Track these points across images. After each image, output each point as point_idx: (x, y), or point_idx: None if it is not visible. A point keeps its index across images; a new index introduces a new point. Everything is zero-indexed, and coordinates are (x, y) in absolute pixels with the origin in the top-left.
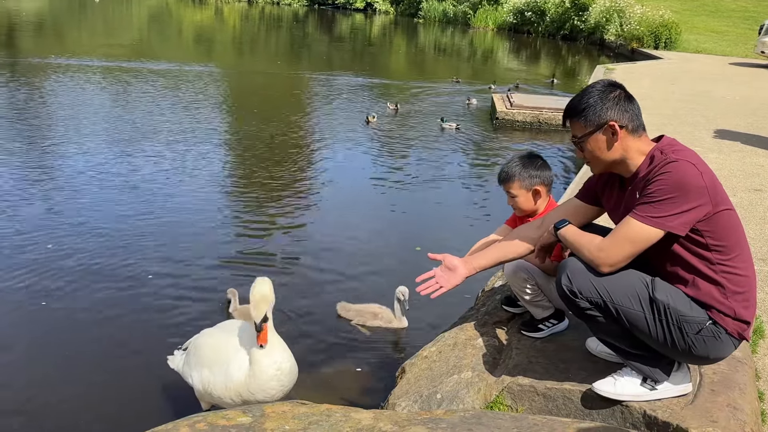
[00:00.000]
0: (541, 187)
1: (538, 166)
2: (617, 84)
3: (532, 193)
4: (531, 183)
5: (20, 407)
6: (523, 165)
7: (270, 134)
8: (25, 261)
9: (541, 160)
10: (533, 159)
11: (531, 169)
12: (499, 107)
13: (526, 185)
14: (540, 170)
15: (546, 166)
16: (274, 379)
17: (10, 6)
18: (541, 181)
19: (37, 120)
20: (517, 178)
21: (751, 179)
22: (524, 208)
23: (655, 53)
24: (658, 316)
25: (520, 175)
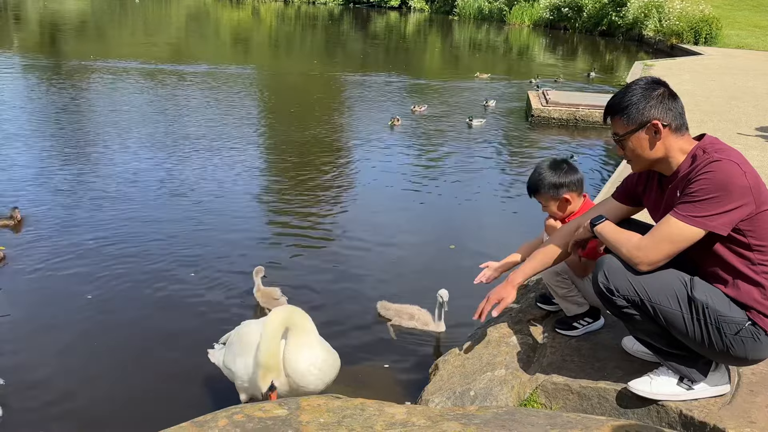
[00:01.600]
0: (569, 194)
1: (562, 173)
2: (661, 82)
3: (562, 201)
4: (557, 193)
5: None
6: (548, 175)
7: (305, 134)
8: (71, 255)
9: (566, 165)
10: (557, 166)
11: (555, 178)
12: (535, 104)
13: (554, 195)
14: (565, 177)
15: (571, 170)
16: (311, 374)
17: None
18: (567, 189)
19: (79, 123)
20: (543, 191)
21: None
22: (558, 216)
23: (694, 49)
24: (696, 315)
25: (545, 187)
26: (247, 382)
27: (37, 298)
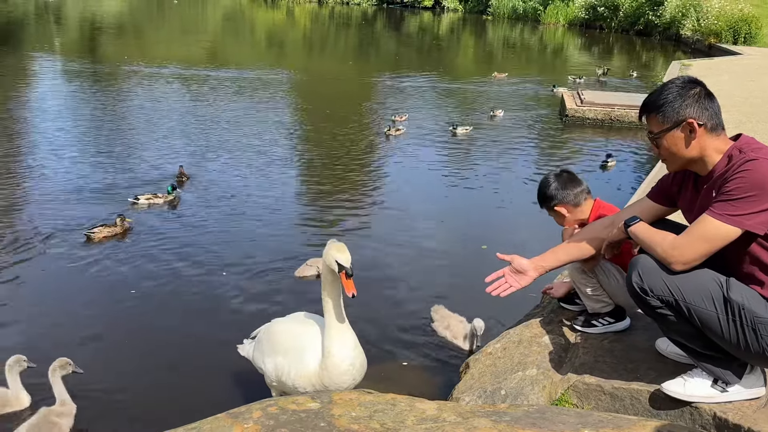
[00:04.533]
0: (560, 207)
1: (553, 187)
2: (697, 81)
3: (565, 211)
4: (550, 205)
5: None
6: (541, 194)
7: (339, 136)
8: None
9: (567, 175)
10: (559, 179)
11: (546, 192)
12: (569, 104)
13: (549, 207)
14: (555, 191)
15: (573, 182)
16: (347, 374)
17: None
18: (559, 202)
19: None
20: (550, 204)
21: None
22: (561, 225)
23: (733, 49)
24: (731, 316)
25: (542, 202)
26: (276, 381)
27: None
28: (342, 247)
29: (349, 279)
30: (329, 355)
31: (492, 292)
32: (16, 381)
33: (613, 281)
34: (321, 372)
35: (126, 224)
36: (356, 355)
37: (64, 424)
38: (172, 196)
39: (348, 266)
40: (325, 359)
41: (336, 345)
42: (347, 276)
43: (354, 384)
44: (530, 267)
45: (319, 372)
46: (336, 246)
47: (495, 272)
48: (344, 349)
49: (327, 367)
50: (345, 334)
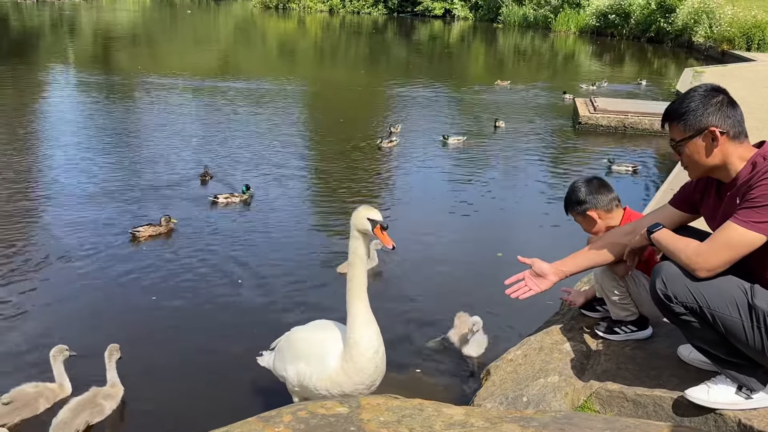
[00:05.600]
0: (593, 212)
1: (587, 191)
2: (720, 89)
3: (587, 218)
4: (583, 209)
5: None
6: (572, 194)
7: (353, 145)
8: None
9: (598, 182)
10: (584, 185)
11: (579, 196)
12: (582, 111)
13: (579, 212)
14: (589, 195)
15: (604, 188)
16: (371, 361)
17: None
18: (591, 207)
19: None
20: (570, 210)
21: None
22: (590, 231)
23: (747, 55)
24: (756, 323)
25: (572, 206)
26: (298, 386)
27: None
28: (371, 207)
29: (384, 232)
30: (354, 345)
31: (511, 294)
32: (61, 370)
33: (642, 291)
34: (344, 364)
35: (171, 224)
36: (380, 343)
37: (107, 406)
38: (246, 195)
39: (381, 219)
40: (350, 349)
41: (360, 333)
42: (382, 229)
43: (377, 375)
44: (551, 271)
45: (342, 365)
46: (363, 207)
47: (515, 275)
48: (369, 337)
49: (352, 357)
50: (370, 325)
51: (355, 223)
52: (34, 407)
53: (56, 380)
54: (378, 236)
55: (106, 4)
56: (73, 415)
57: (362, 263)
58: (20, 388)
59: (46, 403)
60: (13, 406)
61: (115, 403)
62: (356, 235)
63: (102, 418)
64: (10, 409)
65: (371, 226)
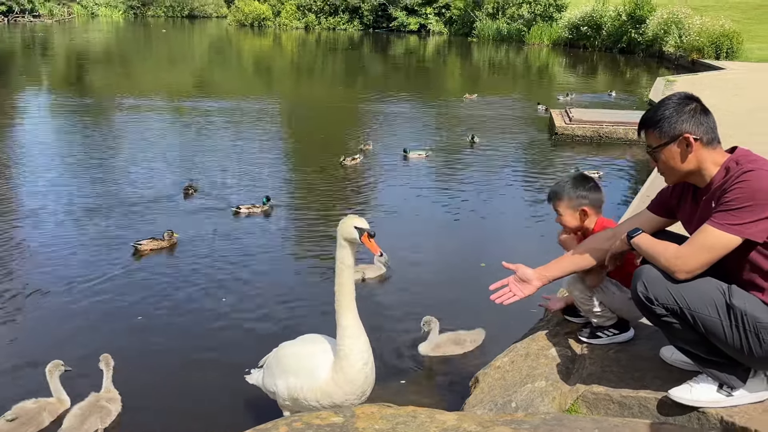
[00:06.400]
0: (588, 208)
1: (587, 187)
2: (693, 97)
3: (580, 213)
4: (579, 203)
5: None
6: (573, 185)
7: (333, 161)
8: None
9: (592, 182)
10: (583, 180)
11: (580, 190)
12: (558, 122)
13: (574, 205)
14: (589, 192)
15: (596, 188)
16: (361, 372)
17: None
18: (589, 202)
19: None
20: (565, 198)
21: None
22: (570, 227)
23: (716, 64)
24: (735, 322)
25: (568, 194)
26: (289, 400)
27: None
28: (357, 217)
29: (372, 239)
30: (344, 357)
31: (496, 300)
32: (57, 384)
33: (615, 299)
34: (335, 375)
35: (174, 239)
36: (370, 354)
37: (113, 408)
38: (267, 206)
39: (368, 227)
40: (340, 360)
41: (349, 344)
42: (370, 236)
43: (367, 385)
44: (534, 276)
45: (333, 376)
46: (349, 217)
47: (499, 281)
48: (359, 349)
49: (342, 368)
50: (360, 336)
51: (342, 233)
52: (39, 421)
53: (54, 395)
54: (365, 244)
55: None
56: (80, 420)
57: (349, 272)
58: (21, 404)
59: (49, 416)
60: (19, 422)
61: (119, 406)
62: (343, 244)
63: (111, 420)
64: (16, 425)
65: (358, 235)
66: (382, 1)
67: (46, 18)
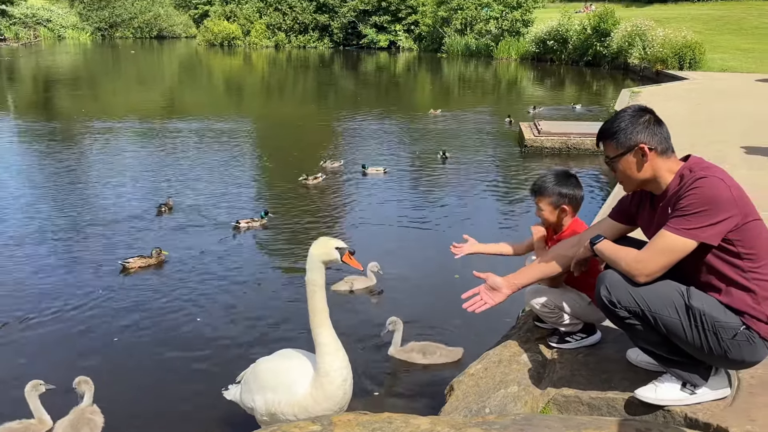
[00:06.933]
0: (568, 206)
1: (570, 185)
2: (647, 109)
3: (559, 210)
4: (559, 200)
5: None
6: (556, 182)
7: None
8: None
9: (575, 179)
10: (567, 178)
11: (562, 188)
12: (527, 135)
13: (554, 201)
14: (571, 190)
15: (578, 186)
16: (340, 388)
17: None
18: (568, 201)
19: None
20: (548, 194)
21: None
22: (549, 221)
23: (680, 74)
24: (694, 322)
25: (551, 191)
26: (267, 415)
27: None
28: (331, 238)
29: (353, 257)
30: (324, 374)
31: (468, 308)
32: (38, 405)
33: (577, 306)
34: (313, 391)
35: (162, 256)
36: (349, 371)
37: (98, 421)
38: (265, 220)
39: (347, 246)
40: (320, 377)
41: (329, 362)
42: (351, 254)
43: (345, 400)
44: (504, 284)
45: (311, 392)
46: (324, 240)
47: (471, 290)
48: (338, 366)
49: (322, 385)
50: (338, 353)
51: (321, 256)
52: None
53: (35, 415)
54: (348, 262)
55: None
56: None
57: (322, 292)
58: (5, 425)
59: None
60: None
61: (103, 421)
62: (317, 267)
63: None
64: None
65: (340, 255)
66: (352, 18)
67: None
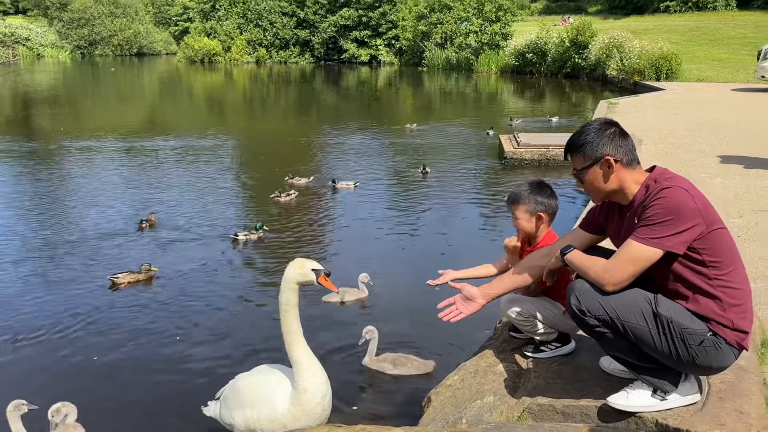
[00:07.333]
0: (544, 215)
1: (545, 194)
2: (613, 122)
3: (536, 217)
4: (536, 208)
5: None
6: (531, 191)
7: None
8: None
9: (550, 189)
10: (542, 187)
11: (538, 196)
12: (507, 147)
13: (530, 210)
14: (546, 198)
15: (553, 195)
16: (319, 405)
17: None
18: (545, 209)
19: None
20: (523, 202)
21: (756, 201)
22: (525, 230)
23: (657, 85)
24: (662, 329)
25: (527, 199)
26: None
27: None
28: (307, 260)
29: (329, 278)
30: (303, 391)
31: (444, 317)
32: (19, 425)
33: (550, 315)
34: (292, 408)
35: (152, 272)
36: (328, 387)
37: None
38: (261, 233)
39: (323, 267)
40: (299, 394)
41: (308, 379)
42: (327, 276)
43: (324, 416)
44: (479, 294)
45: (290, 408)
46: (300, 261)
47: (446, 300)
48: (317, 382)
49: (300, 402)
50: (316, 369)
51: (297, 277)
52: None
53: None
54: (323, 284)
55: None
56: None
57: (295, 312)
58: None
59: None
60: None
61: None
62: (292, 288)
63: None
64: None
65: (315, 276)
66: (332, 34)
67: None
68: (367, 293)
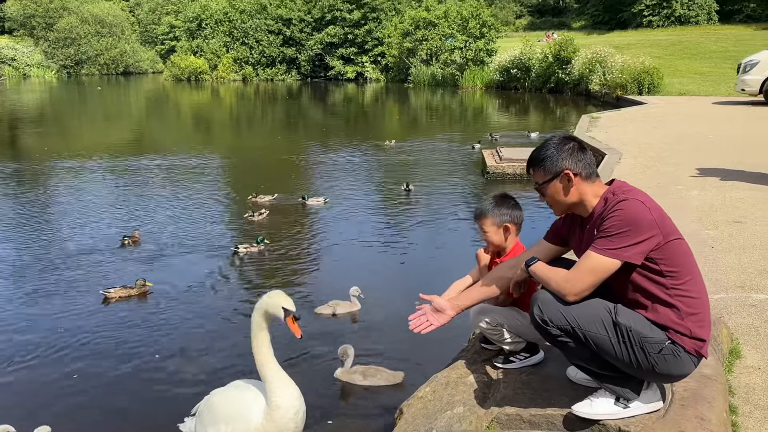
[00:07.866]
0: (510, 225)
1: (509, 205)
2: (572, 137)
3: (503, 229)
4: (501, 220)
5: None
6: (495, 204)
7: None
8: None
9: (513, 200)
10: (505, 199)
11: (503, 208)
12: (489, 162)
13: (497, 222)
14: (511, 209)
15: (517, 206)
16: (292, 421)
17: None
18: (510, 219)
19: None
20: (489, 215)
21: (732, 212)
22: (494, 243)
23: (639, 99)
24: (621, 338)
25: (492, 212)
26: None
27: None
28: (284, 295)
29: (296, 323)
30: (276, 408)
31: (414, 329)
32: None
33: (519, 324)
34: (266, 423)
35: (146, 287)
36: (301, 403)
37: None
38: (262, 246)
39: (294, 310)
40: (272, 411)
41: (280, 395)
42: (295, 319)
43: (297, 431)
44: (448, 306)
45: (264, 424)
46: (277, 294)
47: (416, 312)
48: (289, 398)
49: (273, 419)
50: (289, 386)
51: (268, 308)
52: None
53: None
54: (289, 326)
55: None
56: None
57: (265, 334)
58: None
59: None
60: None
61: None
62: (261, 314)
63: None
64: None
65: (284, 315)
66: (319, 51)
67: None
68: (359, 306)
